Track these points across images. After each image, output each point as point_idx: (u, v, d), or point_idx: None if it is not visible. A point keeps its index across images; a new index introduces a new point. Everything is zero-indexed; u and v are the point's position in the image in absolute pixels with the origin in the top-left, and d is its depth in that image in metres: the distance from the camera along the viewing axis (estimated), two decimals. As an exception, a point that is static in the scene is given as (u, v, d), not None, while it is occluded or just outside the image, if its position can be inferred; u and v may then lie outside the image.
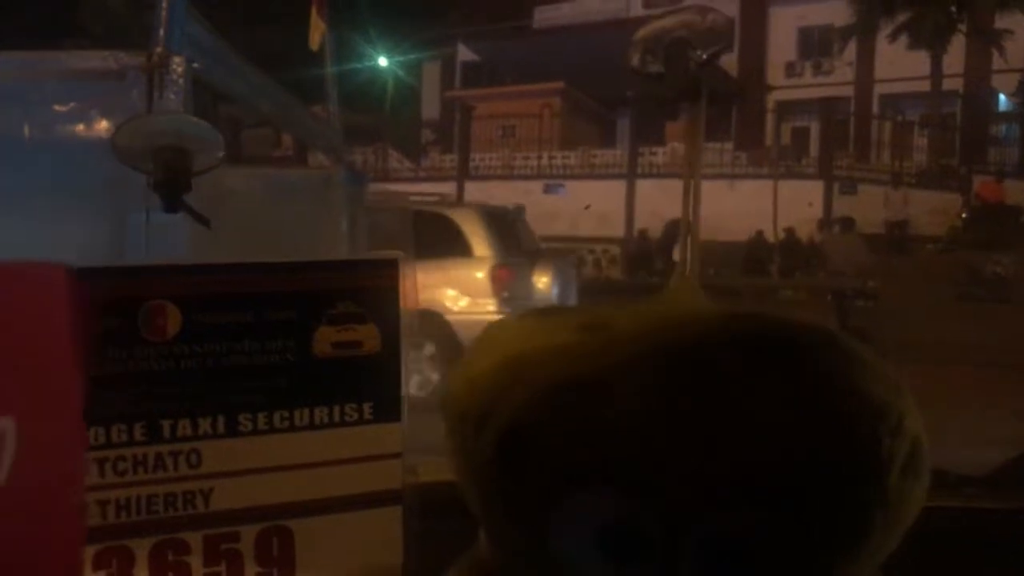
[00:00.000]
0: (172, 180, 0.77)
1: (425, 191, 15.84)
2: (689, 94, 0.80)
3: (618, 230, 17.33)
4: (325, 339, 0.71)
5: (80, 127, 1.72)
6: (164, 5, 1.68)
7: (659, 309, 0.59)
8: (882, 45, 22.41)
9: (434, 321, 6.81)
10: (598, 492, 0.51)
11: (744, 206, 15.74)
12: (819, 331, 0.54)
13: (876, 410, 0.50)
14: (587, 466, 0.51)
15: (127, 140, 0.77)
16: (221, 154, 0.82)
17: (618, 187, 17.91)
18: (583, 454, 0.51)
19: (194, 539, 0.69)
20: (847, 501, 0.49)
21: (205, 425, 0.69)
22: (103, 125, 1.72)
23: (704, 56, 0.80)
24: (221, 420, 0.69)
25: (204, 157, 0.80)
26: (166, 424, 0.68)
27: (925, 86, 20.98)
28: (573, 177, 19.18)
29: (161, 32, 1.67)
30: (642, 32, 0.86)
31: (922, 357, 6.67)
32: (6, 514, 0.45)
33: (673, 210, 15.49)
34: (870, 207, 15.23)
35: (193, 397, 0.68)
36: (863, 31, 21.72)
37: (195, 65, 1.73)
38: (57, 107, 1.73)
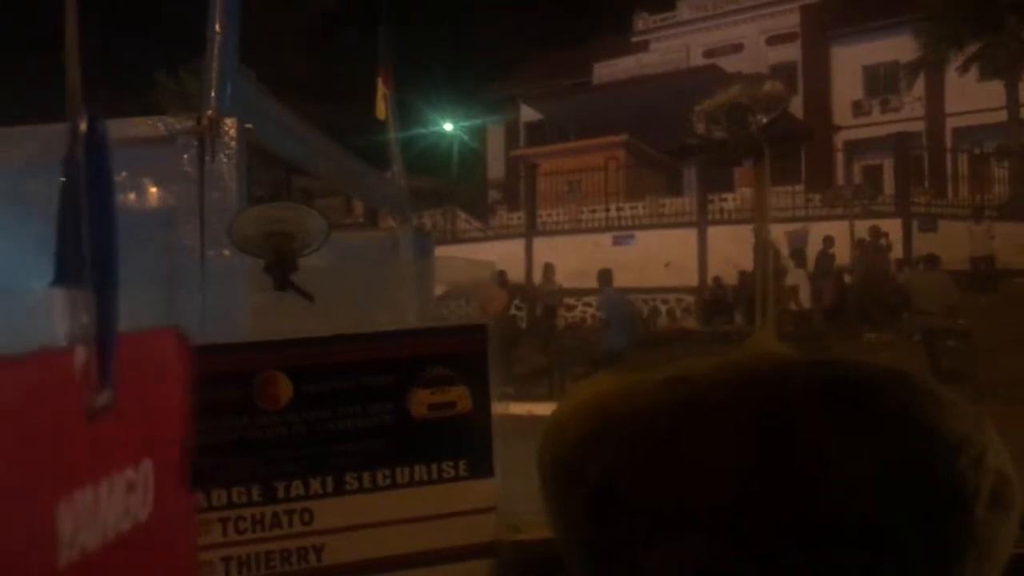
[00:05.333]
0: (282, 262, 0.85)
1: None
2: (753, 155, 0.84)
3: (690, 279, 17.13)
4: (421, 401, 0.77)
5: (132, 196, 1.68)
6: (214, 66, 1.64)
7: (738, 360, 0.62)
8: (952, 77, 21.97)
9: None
10: (688, 538, 0.53)
11: (821, 248, 15.46)
12: (895, 373, 0.56)
13: (956, 445, 0.52)
14: (677, 514, 0.54)
15: (242, 229, 0.86)
16: (325, 238, 0.90)
17: (688, 235, 17.74)
18: (672, 503, 0.54)
19: (308, 592, 0.74)
20: (934, 536, 0.50)
21: (316, 485, 0.74)
22: (155, 192, 1.69)
23: (764, 120, 0.84)
24: (330, 480, 0.75)
25: (309, 239, 0.88)
26: (280, 486, 0.74)
27: (1000, 116, 20.42)
28: (642, 227, 19.11)
29: (212, 94, 1.63)
30: (704, 104, 0.91)
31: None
32: (153, 547, 0.51)
33: (747, 256, 15.26)
34: (952, 243, 14.75)
35: (304, 460, 0.74)
36: (931, 65, 21.34)
37: (248, 126, 1.68)
38: (108, 177, 1.69)
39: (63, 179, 0.46)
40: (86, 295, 0.45)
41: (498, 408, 0.80)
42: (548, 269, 15.60)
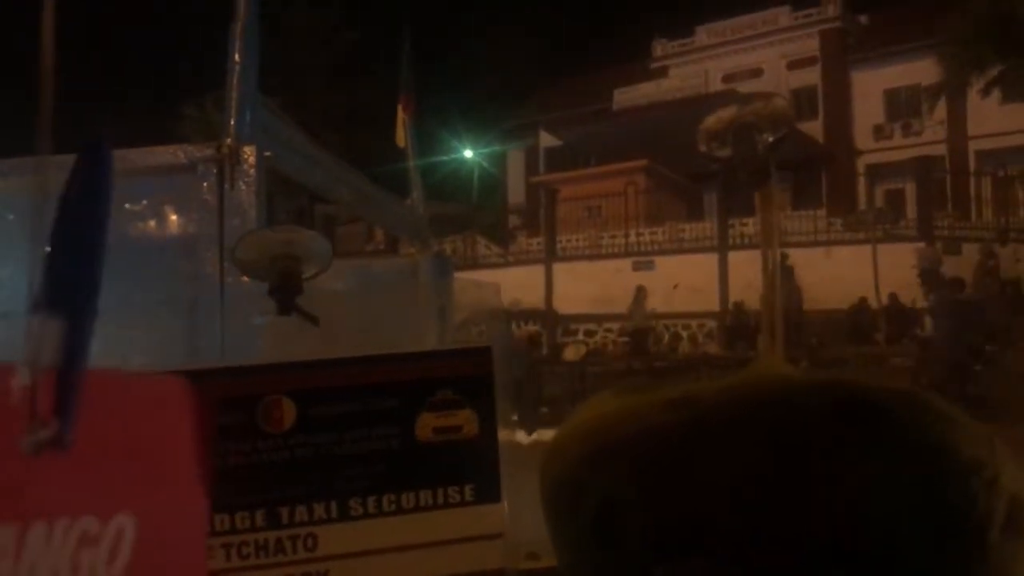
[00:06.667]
0: (286, 286, 0.85)
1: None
2: (759, 175, 0.83)
3: (712, 304, 17.06)
4: (427, 425, 0.76)
5: (153, 224, 1.69)
6: (233, 95, 1.65)
7: (744, 382, 0.61)
8: (974, 100, 21.84)
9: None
10: (692, 560, 0.52)
11: (843, 273, 15.32)
12: (905, 393, 0.55)
13: (967, 467, 0.50)
14: (681, 536, 0.53)
15: (245, 253, 0.86)
16: (329, 261, 0.90)
17: (709, 260, 17.69)
18: (677, 525, 0.53)
19: (312, 620, 0.73)
20: (947, 561, 0.49)
21: (320, 510, 0.74)
22: (176, 220, 1.70)
23: (771, 139, 0.83)
24: (334, 505, 0.74)
25: (314, 264, 0.88)
26: (284, 511, 0.73)
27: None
28: (662, 253, 19.06)
29: (231, 122, 1.64)
30: (707, 123, 0.90)
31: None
32: None
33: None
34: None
35: (308, 484, 0.74)
36: (953, 88, 21.22)
37: (267, 154, 1.68)
38: (129, 206, 1.68)
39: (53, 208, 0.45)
40: (55, 324, 0.42)
41: (520, 436, 0.79)
42: (640, 292, 15.26)
